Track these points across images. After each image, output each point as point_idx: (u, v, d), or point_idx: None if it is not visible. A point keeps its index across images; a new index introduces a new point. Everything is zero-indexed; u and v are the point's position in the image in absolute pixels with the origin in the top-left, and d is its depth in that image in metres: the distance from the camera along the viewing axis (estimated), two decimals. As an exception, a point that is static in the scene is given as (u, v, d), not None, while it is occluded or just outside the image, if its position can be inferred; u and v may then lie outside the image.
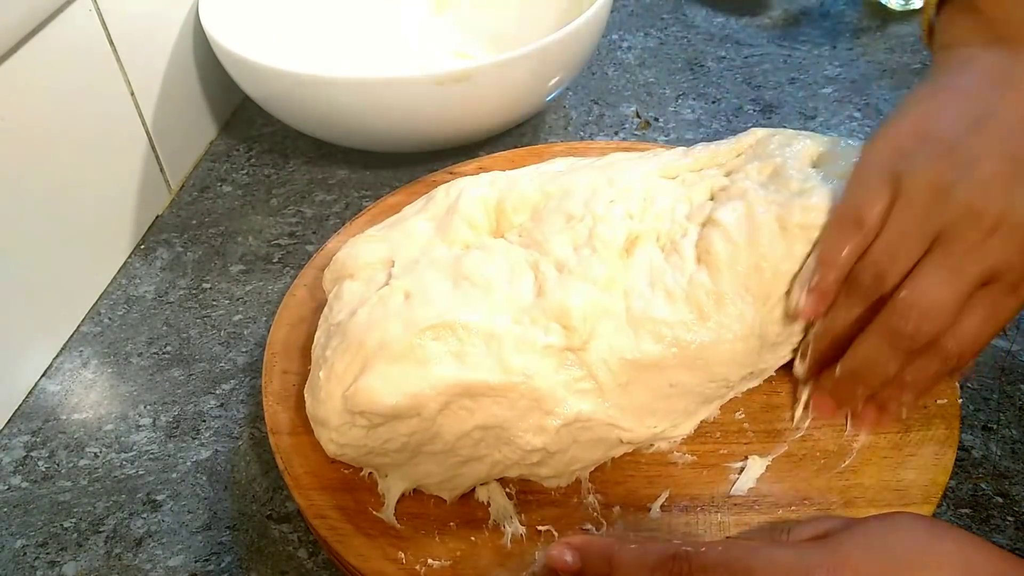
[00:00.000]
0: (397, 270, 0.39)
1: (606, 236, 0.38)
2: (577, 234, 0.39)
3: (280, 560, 0.39)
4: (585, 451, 0.36)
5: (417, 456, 0.35)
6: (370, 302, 0.37)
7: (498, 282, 0.37)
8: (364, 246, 0.42)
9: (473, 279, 0.37)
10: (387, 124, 0.56)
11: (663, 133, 0.64)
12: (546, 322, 0.36)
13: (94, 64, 0.51)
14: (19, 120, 0.45)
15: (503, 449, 0.35)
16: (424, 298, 0.37)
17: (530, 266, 0.39)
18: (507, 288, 0.37)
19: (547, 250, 0.39)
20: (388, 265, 0.40)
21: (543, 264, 0.38)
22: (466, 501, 0.37)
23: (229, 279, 0.54)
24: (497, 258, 0.39)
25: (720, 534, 0.35)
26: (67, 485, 0.42)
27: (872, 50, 0.71)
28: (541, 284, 0.38)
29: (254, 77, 0.56)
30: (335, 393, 0.35)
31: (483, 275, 0.37)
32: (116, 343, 0.50)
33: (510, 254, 0.39)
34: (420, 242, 0.41)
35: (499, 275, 0.38)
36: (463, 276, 0.38)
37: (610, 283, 0.37)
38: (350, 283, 0.40)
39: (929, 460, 0.36)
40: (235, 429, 0.44)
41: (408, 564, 0.34)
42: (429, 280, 0.38)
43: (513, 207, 0.42)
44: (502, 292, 0.37)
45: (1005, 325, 0.35)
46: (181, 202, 0.60)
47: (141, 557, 0.39)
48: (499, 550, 0.35)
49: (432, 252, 0.40)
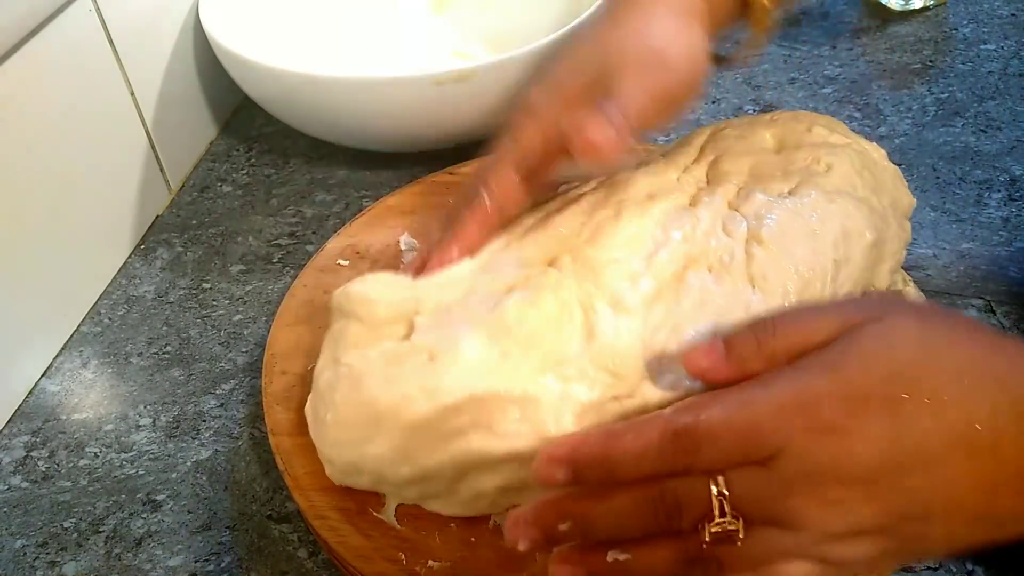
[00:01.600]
0: (423, 321, 0.35)
1: (664, 261, 0.36)
2: (636, 264, 0.36)
3: (280, 560, 0.39)
4: None
5: (424, 499, 0.35)
6: (386, 354, 0.34)
7: (542, 331, 0.34)
8: (378, 288, 0.37)
9: (514, 332, 0.33)
10: (387, 124, 0.56)
11: (663, 133, 0.64)
12: (594, 372, 0.33)
13: (94, 64, 0.51)
14: (19, 120, 0.45)
15: (517, 495, 0.34)
16: (453, 362, 0.33)
17: (581, 305, 0.35)
18: (552, 336, 0.34)
19: (602, 283, 0.35)
20: (408, 318, 0.36)
21: (597, 302, 0.35)
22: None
23: (229, 279, 0.54)
24: (544, 299, 0.35)
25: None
26: (67, 485, 0.42)
27: (872, 50, 0.70)
28: (592, 327, 0.34)
29: (254, 77, 0.56)
30: (344, 443, 0.34)
31: (526, 327, 0.33)
32: (116, 343, 0.50)
33: (561, 290, 0.35)
34: (459, 287, 0.37)
35: (544, 322, 0.34)
36: (503, 329, 0.33)
37: (666, 319, 0.34)
38: (359, 326, 0.36)
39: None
40: (235, 429, 0.45)
41: (408, 565, 0.34)
42: (462, 336, 0.33)
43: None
44: (547, 342, 0.33)
45: None
46: (181, 202, 0.60)
47: (141, 557, 0.39)
48: (499, 551, 0.35)
49: (470, 298, 0.36)
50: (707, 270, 0.37)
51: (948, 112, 0.62)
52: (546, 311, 0.34)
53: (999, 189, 0.55)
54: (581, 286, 0.36)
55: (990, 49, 0.69)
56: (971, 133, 0.60)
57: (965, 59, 0.68)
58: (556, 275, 0.36)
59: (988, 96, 0.63)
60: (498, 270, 0.37)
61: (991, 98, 0.63)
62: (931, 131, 0.60)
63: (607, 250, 0.37)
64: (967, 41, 0.70)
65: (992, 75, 0.65)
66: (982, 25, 0.71)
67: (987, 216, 0.53)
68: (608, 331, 0.34)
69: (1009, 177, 0.56)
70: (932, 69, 0.67)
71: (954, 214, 0.53)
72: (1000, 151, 0.58)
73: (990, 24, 0.71)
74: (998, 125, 0.60)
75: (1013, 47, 0.69)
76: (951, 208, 0.54)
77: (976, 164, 0.57)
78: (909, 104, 0.63)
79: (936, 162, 0.57)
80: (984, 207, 0.54)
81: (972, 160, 0.57)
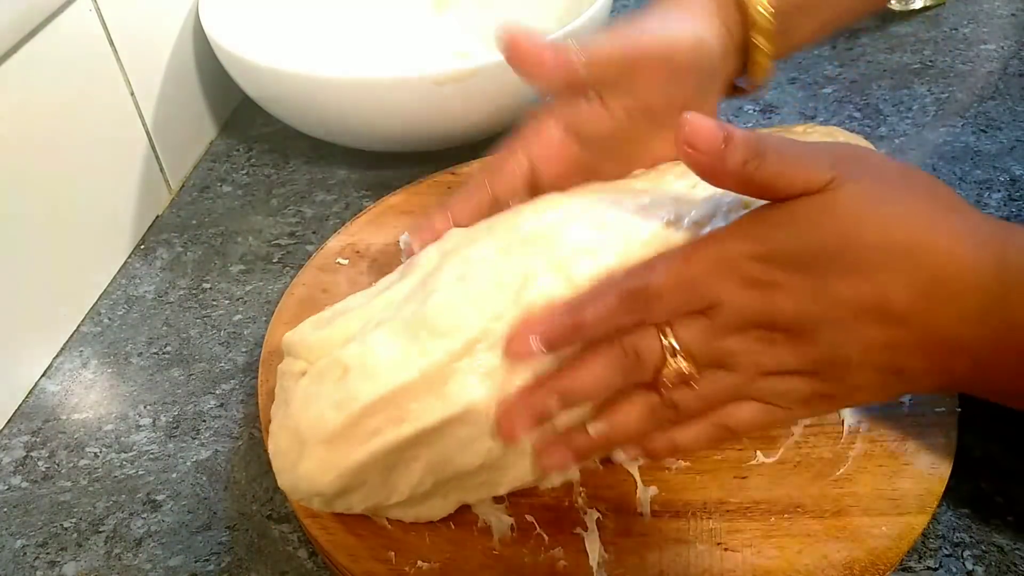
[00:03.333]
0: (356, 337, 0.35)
1: (643, 240, 0.35)
2: (604, 239, 0.35)
3: (280, 560, 0.39)
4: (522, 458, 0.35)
5: (379, 509, 0.35)
6: (310, 373, 0.35)
7: (467, 319, 0.33)
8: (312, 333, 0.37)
9: (435, 327, 0.33)
10: (387, 124, 0.56)
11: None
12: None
13: (94, 64, 0.51)
14: (19, 120, 0.45)
15: (451, 481, 0.34)
16: (364, 371, 0.33)
17: (523, 276, 0.34)
18: (476, 320, 0.33)
19: (555, 254, 0.34)
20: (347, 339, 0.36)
21: (541, 270, 0.34)
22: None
23: (229, 279, 0.54)
24: (479, 284, 0.34)
25: (711, 541, 0.35)
26: (67, 485, 0.42)
27: (872, 50, 0.70)
28: (519, 293, 0.34)
29: (254, 77, 0.56)
30: (284, 469, 0.34)
31: (448, 319, 0.33)
32: (116, 343, 0.50)
33: (500, 271, 0.34)
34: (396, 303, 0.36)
35: (470, 310, 0.33)
36: (424, 326, 0.33)
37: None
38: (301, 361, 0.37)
39: (925, 469, 0.36)
40: (235, 429, 0.45)
41: (398, 565, 0.34)
42: (378, 344, 0.34)
43: None
44: (470, 328, 0.33)
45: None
46: (181, 202, 0.60)
47: (141, 557, 0.39)
48: (488, 552, 0.35)
49: (405, 307, 0.35)
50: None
51: (948, 112, 0.62)
52: (475, 293, 0.34)
53: (999, 189, 0.55)
54: (529, 260, 0.34)
55: (990, 49, 0.69)
56: (971, 133, 0.60)
57: (965, 59, 0.68)
58: (499, 259, 0.35)
59: (988, 96, 0.63)
60: (440, 272, 0.36)
61: (991, 98, 0.63)
62: (931, 131, 0.60)
63: (572, 229, 0.36)
64: (967, 41, 0.70)
65: (992, 75, 0.65)
66: (982, 25, 0.71)
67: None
68: (534, 298, 0.33)
69: (1009, 177, 0.56)
70: (932, 69, 0.67)
71: (954, 215, 0.53)
72: (1000, 151, 0.58)
73: (990, 24, 0.71)
74: (998, 125, 0.60)
75: (1013, 47, 0.69)
76: (951, 208, 0.54)
77: (976, 164, 0.57)
78: (909, 104, 0.63)
79: (936, 162, 0.57)
80: (984, 207, 0.54)
81: (972, 160, 0.57)
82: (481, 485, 0.35)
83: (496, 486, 0.35)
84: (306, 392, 0.34)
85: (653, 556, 0.34)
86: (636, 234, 0.35)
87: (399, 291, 0.37)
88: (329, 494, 0.34)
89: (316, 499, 0.35)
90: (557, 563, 0.34)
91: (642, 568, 0.34)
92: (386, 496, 0.34)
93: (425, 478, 0.34)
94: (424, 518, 0.36)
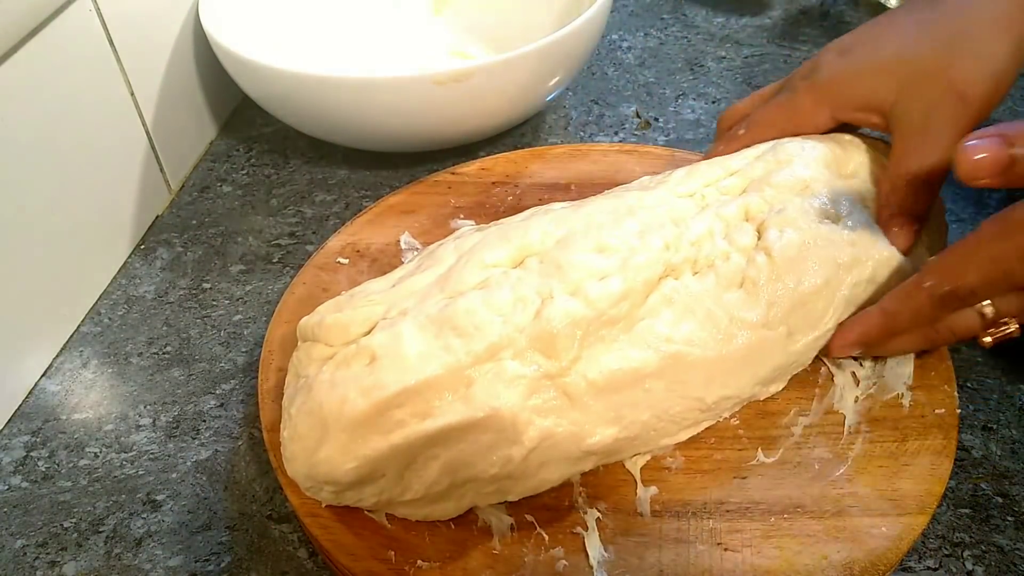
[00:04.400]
0: (380, 324, 0.36)
1: (640, 264, 0.37)
2: (608, 265, 0.37)
3: (280, 560, 0.39)
4: (551, 471, 0.35)
5: (390, 505, 0.35)
6: (335, 359, 0.35)
7: (491, 325, 0.34)
8: (332, 314, 0.37)
9: (460, 327, 0.34)
10: (387, 124, 0.56)
11: (663, 133, 0.64)
12: (530, 353, 0.34)
13: (94, 64, 0.51)
14: (19, 120, 0.45)
15: (466, 484, 0.34)
16: (392, 360, 0.34)
17: (539, 294, 0.36)
18: (500, 328, 0.34)
19: (567, 278, 0.36)
20: (371, 323, 0.37)
21: (557, 292, 0.36)
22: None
23: (229, 279, 0.54)
24: (501, 295, 0.36)
25: (711, 541, 0.35)
26: (67, 485, 0.42)
27: (873, 50, 0.70)
28: (541, 311, 0.35)
29: (254, 77, 0.56)
30: (299, 455, 0.35)
31: (473, 321, 0.34)
32: (116, 343, 0.50)
33: (520, 286, 0.36)
34: (419, 293, 0.37)
35: (494, 317, 0.35)
36: (449, 325, 0.35)
37: (623, 299, 0.36)
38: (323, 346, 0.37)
39: (925, 470, 0.36)
40: (235, 429, 0.45)
41: (397, 564, 0.34)
42: (405, 334, 0.34)
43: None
44: (493, 334, 0.34)
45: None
46: (181, 202, 0.60)
47: (141, 557, 0.39)
48: (488, 552, 0.35)
49: (427, 300, 0.36)
50: (691, 273, 0.38)
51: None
52: (498, 303, 0.35)
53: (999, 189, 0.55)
54: (544, 281, 0.36)
55: (990, 49, 0.68)
56: (971, 133, 0.60)
57: (965, 59, 0.67)
58: (518, 274, 0.37)
59: (988, 96, 0.63)
60: (460, 273, 0.37)
61: (991, 98, 0.63)
62: (931, 131, 0.60)
63: (577, 253, 0.37)
64: (967, 41, 0.70)
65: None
66: (983, 25, 0.71)
67: (987, 216, 0.53)
68: (554, 315, 0.35)
69: (1009, 178, 0.55)
70: (932, 69, 0.67)
71: (954, 214, 0.53)
72: (1000, 151, 0.58)
73: (991, 24, 0.71)
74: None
75: (1014, 47, 0.68)
76: (951, 208, 0.54)
77: (976, 164, 0.57)
78: (909, 104, 0.63)
79: (936, 162, 0.57)
80: (984, 207, 0.54)
81: (972, 160, 0.57)
82: (494, 492, 0.35)
83: (508, 494, 0.35)
84: (332, 376, 0.35)
85: (653, 556, 0.34)
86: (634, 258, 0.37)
87: (420, 281, 0.38)
88: (344, 483, 0.34)
89: (328, 488, 0.35)
90: (557, 563, 0.34)
91: (642, 568, 0.34)
92: (400, 492, 0.34)
93: (441, 478, 0.34)
94: (432, 518, 0.36)
